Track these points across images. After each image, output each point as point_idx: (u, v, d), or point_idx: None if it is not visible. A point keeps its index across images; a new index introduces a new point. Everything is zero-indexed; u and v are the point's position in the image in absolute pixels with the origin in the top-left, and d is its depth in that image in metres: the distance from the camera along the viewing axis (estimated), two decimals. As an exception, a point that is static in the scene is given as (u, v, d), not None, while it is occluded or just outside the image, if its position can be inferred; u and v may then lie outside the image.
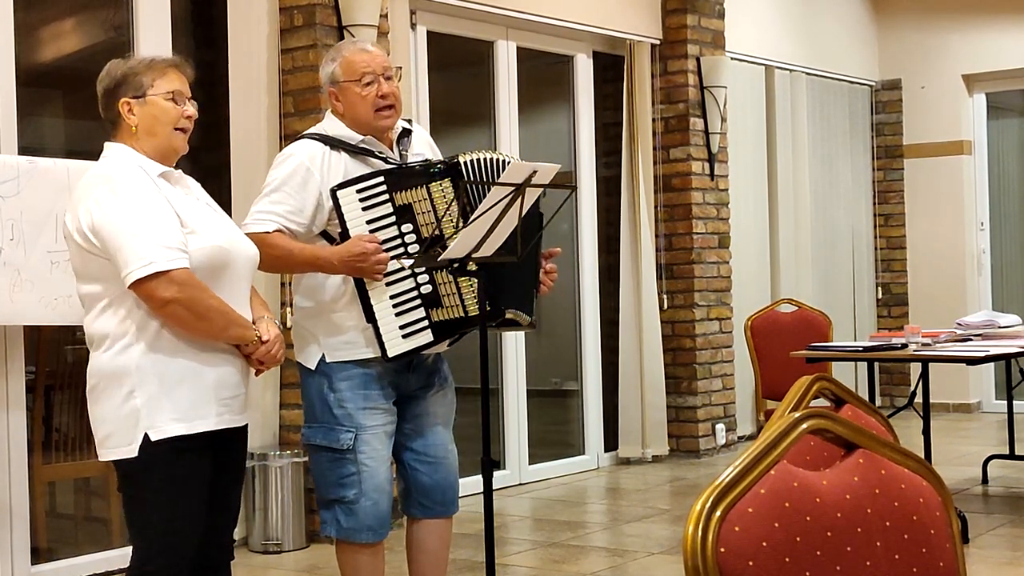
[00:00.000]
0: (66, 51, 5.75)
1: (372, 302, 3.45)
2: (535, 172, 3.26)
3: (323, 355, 3.52)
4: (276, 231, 3.43)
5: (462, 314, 3.49)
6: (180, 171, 3.12)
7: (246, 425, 3.16)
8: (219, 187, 5.28)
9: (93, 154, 3.19)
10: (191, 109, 3.07)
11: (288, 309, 5.63)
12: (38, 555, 4.95)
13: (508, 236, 3.35)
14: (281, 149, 5.70)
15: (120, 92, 3.03)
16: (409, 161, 3.57)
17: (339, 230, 3.45)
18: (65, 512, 5.60)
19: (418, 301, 3.47)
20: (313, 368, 3.54)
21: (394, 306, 3.46)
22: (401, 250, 3.44)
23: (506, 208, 3.26)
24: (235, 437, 3.10)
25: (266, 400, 5.63)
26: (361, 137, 3.52)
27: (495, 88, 7.00)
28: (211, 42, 5.77)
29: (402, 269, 3.46)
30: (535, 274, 3.65)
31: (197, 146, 3.19)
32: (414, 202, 3.45)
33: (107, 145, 3.08)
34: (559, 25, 7.17)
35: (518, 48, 7.08)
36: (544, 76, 7.78)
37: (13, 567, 4.74)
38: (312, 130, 3.61)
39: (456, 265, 3.38)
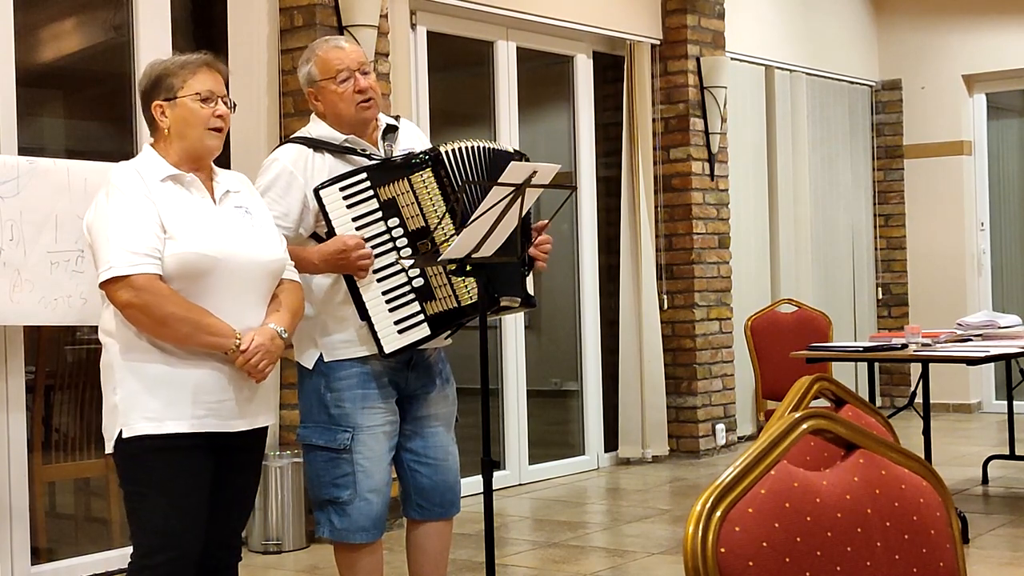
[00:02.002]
0: (66, 51, 5.75)
1: (364, 299, 3.43)
2: (535, 172, 3.25)
3: (321, 354, 3.51)
4: None
5: (455, 305, 3.48)
6: (193, 175, 3.09)
7: (258, 429, 3.15)
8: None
9: (93, 154, 3.22)
10: (222, 108, 3.10)
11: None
12: (38, 555, 4.95)
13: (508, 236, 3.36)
14: (281, 149, 5.71)
15: (154, 94, 3.09)
16: (393, 155, 3.56)
17: (326, 230, 3.45)
18: (65, 512, 5.60)
19: (412, 295, 3.45)
20: (311, 368, 3.53)
21: (387, 301, 3.44)
22: (390, 246, 3.44)
23: (506, 209, 3.25)
24: (240, 440, 3.09)
25: (266, 400, 5.62)
26: (344, 136, 3.52)
27: (495, 88, 7.00)
28: (211, 42, 5.76)
29: (392, 264, 3.45)
30: (522, 252, 3.60)
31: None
32: (398, 195, 3.44)
33: (144, 146, 3.18)
34: (559, 25, 7.17)
35: (518, 48, 7.08)
36: (544, 76, 7.78)
37: (13, 567, 4.74)
38: (296, 134, 3.62)
39: (456, 267, 3.38)
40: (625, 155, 7.54)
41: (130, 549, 3.06)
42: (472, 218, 3.26)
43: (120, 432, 2.97)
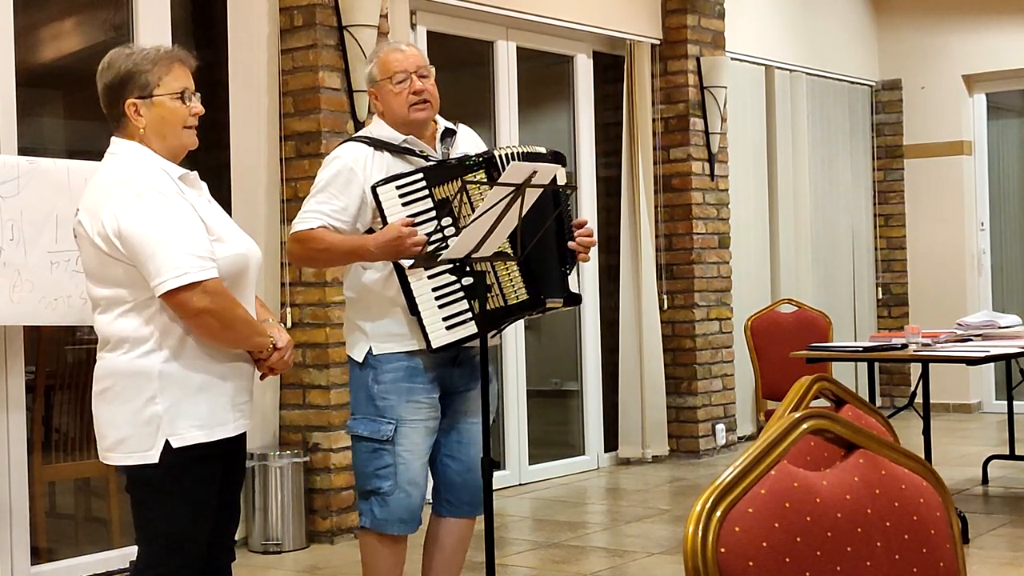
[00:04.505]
0: (66, 51, 5.75)
1: (415, 294, 3.51)
2: (535, 172, 3.27)
3: (370, 347, 3.59)
4: (320, 227, 3.52)
5: (503, 304, 3.55)
6: (196, 173, 3.07)
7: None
8: (219, 187, 5.26)
9: (93, 154, 3.17)
10: (198, 105, 3.01)
11: (288, 311, 5.63)
12: (38, 555, 4.94)
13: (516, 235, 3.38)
14: (281, 150, 5.73)
15: (125, 92, 2.94)
16: (449, 157, 3.65)
17: (381, 227, 3.51)
18: (65, 512, 5.60)
19: (461, 293, 3.53)
20: (361, 361, 3.61)
21: (437, 298, 3.52)
22: (442, 243, 3.49)
23: (506, 208, 3.27)
24: (239, 440, 3.10)
25: (266, 400, 5.62)
26: (403, 137, 3.61)
27: (495, 88, 7.00)
28: (211, 42, 5.77)
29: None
30: (563, 251, 3.66)
31: (197, 146, 3.18)
32: (451, 195, 3.52)
33: (116, 141, 3.00)
34: (559, 25, 7.17)
35: (518, 48, 7.08)
36: (544, 76, 7.78)
37: (13, 567, 4.74)
38: (358, 133, 3.75)
39: (455, 266, 3.43)
40: (625, 155, 7.53)
41: (129, 549, 3.05)
42: (472, 218, 3.28)
43: (167, 443, 2.87)
